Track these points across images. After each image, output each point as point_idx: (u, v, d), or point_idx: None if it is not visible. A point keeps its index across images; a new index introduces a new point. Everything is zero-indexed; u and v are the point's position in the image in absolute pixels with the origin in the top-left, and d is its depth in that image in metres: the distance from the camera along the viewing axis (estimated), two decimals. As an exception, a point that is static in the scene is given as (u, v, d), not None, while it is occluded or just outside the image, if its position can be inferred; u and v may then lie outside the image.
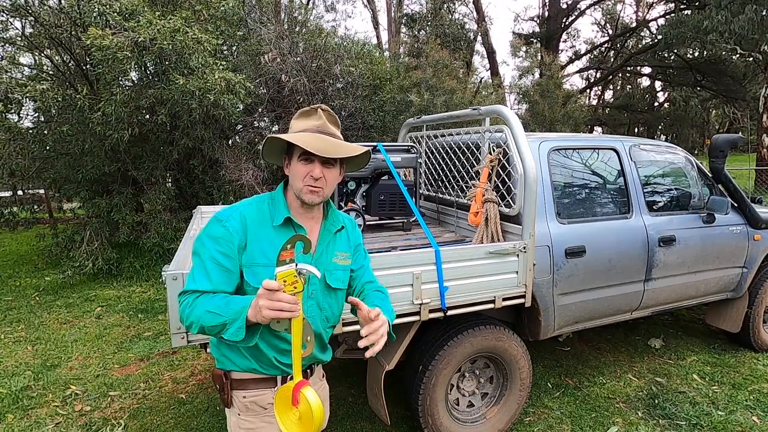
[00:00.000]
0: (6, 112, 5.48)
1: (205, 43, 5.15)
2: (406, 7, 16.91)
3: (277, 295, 1.09)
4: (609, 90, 28.73)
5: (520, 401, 2.70)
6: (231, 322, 1.17)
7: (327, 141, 1.30)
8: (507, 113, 2.58)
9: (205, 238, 1.32)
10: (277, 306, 1.09)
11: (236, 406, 1.39)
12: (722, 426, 2.82)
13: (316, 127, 1.33)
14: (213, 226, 1.32)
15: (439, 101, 8.18)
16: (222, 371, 1.40)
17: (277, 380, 1.39)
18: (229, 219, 1.32)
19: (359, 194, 3.33)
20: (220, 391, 1.41)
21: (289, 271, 1.12)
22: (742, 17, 9.22)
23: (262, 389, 1.38)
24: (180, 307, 1.28)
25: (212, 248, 1.29)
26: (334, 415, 2.81)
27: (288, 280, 1.11)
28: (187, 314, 1.25)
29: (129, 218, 6.01)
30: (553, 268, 2.64)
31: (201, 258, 1.30)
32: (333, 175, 1.36)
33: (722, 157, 3.39)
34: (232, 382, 1.39)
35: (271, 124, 7.41)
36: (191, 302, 1.25)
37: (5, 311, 4.83)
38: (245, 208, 1.36)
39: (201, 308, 1.22)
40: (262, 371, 1.37)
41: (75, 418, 2.92)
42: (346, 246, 1.49)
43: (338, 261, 1.44)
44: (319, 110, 1.36)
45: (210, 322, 1.19)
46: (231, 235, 1.30)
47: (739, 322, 3.64)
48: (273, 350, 1.36)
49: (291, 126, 1.39)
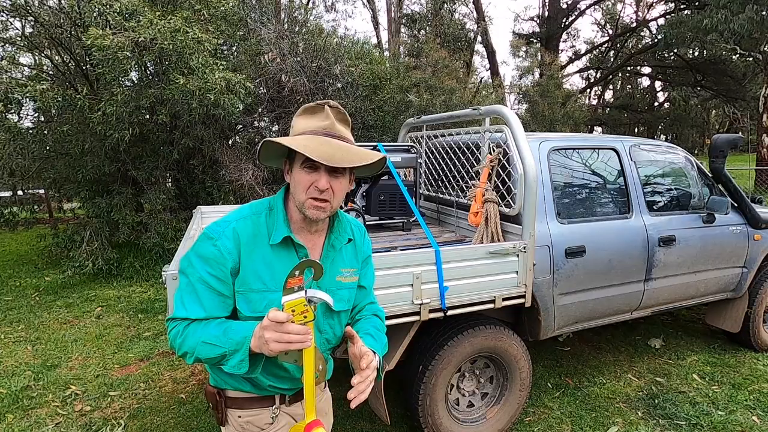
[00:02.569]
0: (6, 112, 5.48)
1: (205, 43, 5.15)
2: (406, 7, 16.89)
3: (286, 327, 0.98)
4: (609, 90, 28.74)
5: (520, 401, 2.70)
6: (231, 354, 1.06)
7: (335, 146, 1.09)
8: (507, 113, 2.58)
9: (194, 257, 1.15)
10: (286, 339, 0.98)
11: (231, 424, 1.28)
12: (722, 426, 2.82)
13: (322, 128, 1.13)
14: (203, 245, 1.15)
15: (439, 101, 8.18)
16: (215, 389, 1.28)
17: (275, 399, 1.28)
18: (220, 237, 1.14)
19: (359, 194, 3.33)
20: (213, 409, 1.29)
21: (299, 300, 1.01)
22: (742, 16, 9.23)
23: (258, 409, 1.27)
24: (170, 335, 1.14)
25: (202, 270, 1.13)
26: (335, 415, 2.80)
27: (297, 309, 1.01)
28: (179, 344, 1.12)
29: (129, 218, 6.01)
30: (553, 268, 2.64)
31: (190, 280, 1.15)
32: (342, 185, 1.16)
33: (722, 157, 3.39)
34: (227, 400, 1.27)
35: (271, 124, 7.41)
36: (182, 331, 1.12)
37: (5, 311, 4.83)
38: (238, 223, 1.17)
39: (194, 338, 1.09)
40: (258, 393, 1.27)
41: (75, 418, 2.92)
42: (353, 260, 1.31)
43: (343, 279, 1.27)
44: (326, 107, 1.15)
45: (207, 354, 1.08)
46: (223, 256, 1.13)
47: (739, 322, 3.64)
48: (271, 378, 1.24)
49: (293, 124, 1.19)
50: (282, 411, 1.29)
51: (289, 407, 1.31)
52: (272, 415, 1.27)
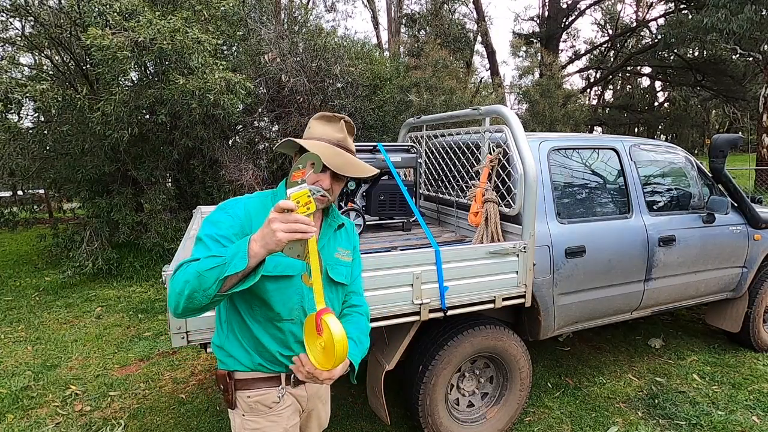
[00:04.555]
0: (6, 112, 5.48)
1: (205, 43, 5.15)
2: (406, 7, 16.91)
3: (293, 216, 1.04)
4: (609, 90, 28.73)
5: (520, 401, 2.70)
6: (231, 258, 1.07)
7: (345, 158, 1.31)
8: (507, 113, 2.58)
9: (205, 223, 1.30)
10: (293, 228, 1.03)
11: (240, 406, 1.38)
12: (722, 426, 2.82)
13: (336, 140, 1.33)
14: (216, 213, 1.31)
15: (439, 101, 8.18)
16: (225, 371, 1.38)
17: (281, 378, 1.38)
18: (232, 207, 1.31)
19: (359, 194, 3.33)
20: (224, 392, 1.40)
21: (303, 191, 1.07)
22: (742, 16, 9.23)
23: (266, 388, 1.37)
24: (172, 280, 1.14)
25: (211, 230, 1.25)
26: (335, 415, 2.80)
27: (302, 200, 1.06)
28: (178, 277, 1.12)
29: (129, 218, 6.01)
30: (553, 268, 2.64)
31: (200, 239, 1.26)
32: (340, 185, 1.38)
33: (722, 157, 3.39)
34: (236, 382, 1.37)
35: (271, 124, 7.42)
36: (186, 267, 1.14)
37: (5, 311, 4.83)
38: (248, 200, 1.36)
39: (196, 262, 1.11)
40: (266, 369, 1.37)
41: (75, 418, 2.92)
42: (346, 243, 1.49)
43: (340, 257, 1.44)
44: (341, 122, 1.36)
45: (208, 265, 1.08)
46: (232, 219, 1.28)
47: (739, 322, 3.64)
48: (277, 344, 1.35)
49: (310, 126, 1.37)
50: (288, 392, 1.40)
51: (294, 389, 1.42)
52: (279, 395, 1.38)
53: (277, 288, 1.30)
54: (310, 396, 1.47)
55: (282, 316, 1.32)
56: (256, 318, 1.33)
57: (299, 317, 1.34)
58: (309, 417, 1.54)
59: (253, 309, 1.33)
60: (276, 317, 1.32)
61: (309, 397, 1.47)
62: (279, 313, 1.32)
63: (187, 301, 1.09)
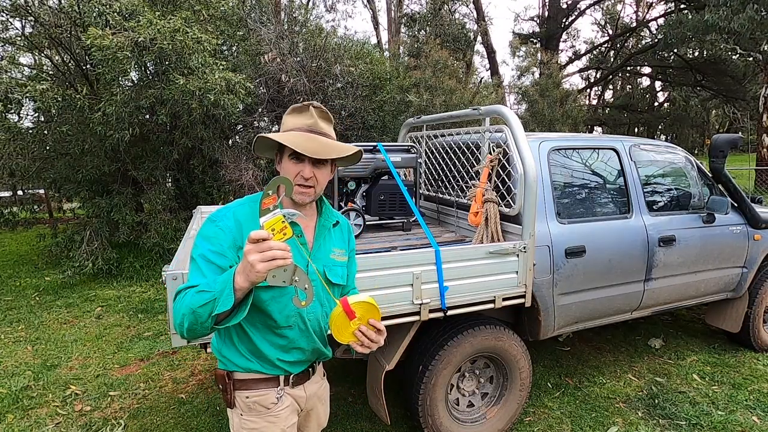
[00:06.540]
0: (6, 112, 5.48)
1: (205, 43, 5.15)
2: (406, 7, 16.90)
3: (267, 244, 1.02)
4: (609, 90, 28.73)
5: (520, 401, 2.70)
6: (219, 294, 1.10)
7: (318, 141, 1.29)
8: (507, 113, 2.58)
9: (198, 239, 1.30)
10: (269, 255, 1.02)
11: (239, 406, 1.39)
12: (722, 426, 2.82)
13: (307, 126, 1.32)
14: (205, 227, 1.31)
15: (439, 101, 8.18)
16: (224, 371, 1.39)
17: (280, 380, 1.38)
18: (222, 219, 1.30)
19: (359, 194, 3.33)
20: (222, 392, 1.40)
21: (276, 218, 1.05)
22: (742, 16, 9.22)
23: (264, 389, 1.37)
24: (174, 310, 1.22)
25: (204, 247, 1.26)
26: (335, 415, 2.81)
27: (276, 227, 1.05)
28: (177, 308, 1.19)
29: (129, 218, 6.01)
30: (553, 268, 2.64)
31: (194, 259, 1.28)
32: (324, 174, 1.35)
33: (722, 157, 3.39)
34: (235, 382, 1.38)
35: (271, 124, 7.41)
36: (182, 297, 1.20)
37: (5, 311, 4.83)
38: (237, 208, 1.34)
39: (191, 295, 1.16)
40: (264, 372, 1.37)
41: (75, 418, 2.92)
42: (341, 242, 1.48)
43: (335, 257, 1.43)
44: (311, 108, 1.34)
45: (200, 301, 1.12)
46: (224, 232, 1.27)
47: (739, 322, 3.64)
48: (276, 350, 1.35)
49: (283, 121, 1.37)
50: (286, 392, 1.40)
51: (292, 390, 1.42)
52: (277, 395, 1.38)
53: (272, 297, 1.30)
54: (308, 396, 1.47)
55: (280, 323, 1.33)
56: (255, 325, 1.34)
57: (297, 323, 1.35)
58: (308, 417, 1.54)
59: (251, 317, 1.32)
60: (274, 325, 1.33)
61: (308, 398, 1.47)
62: (277, 321, 1.32)
63: (189, 332, 1.16)
